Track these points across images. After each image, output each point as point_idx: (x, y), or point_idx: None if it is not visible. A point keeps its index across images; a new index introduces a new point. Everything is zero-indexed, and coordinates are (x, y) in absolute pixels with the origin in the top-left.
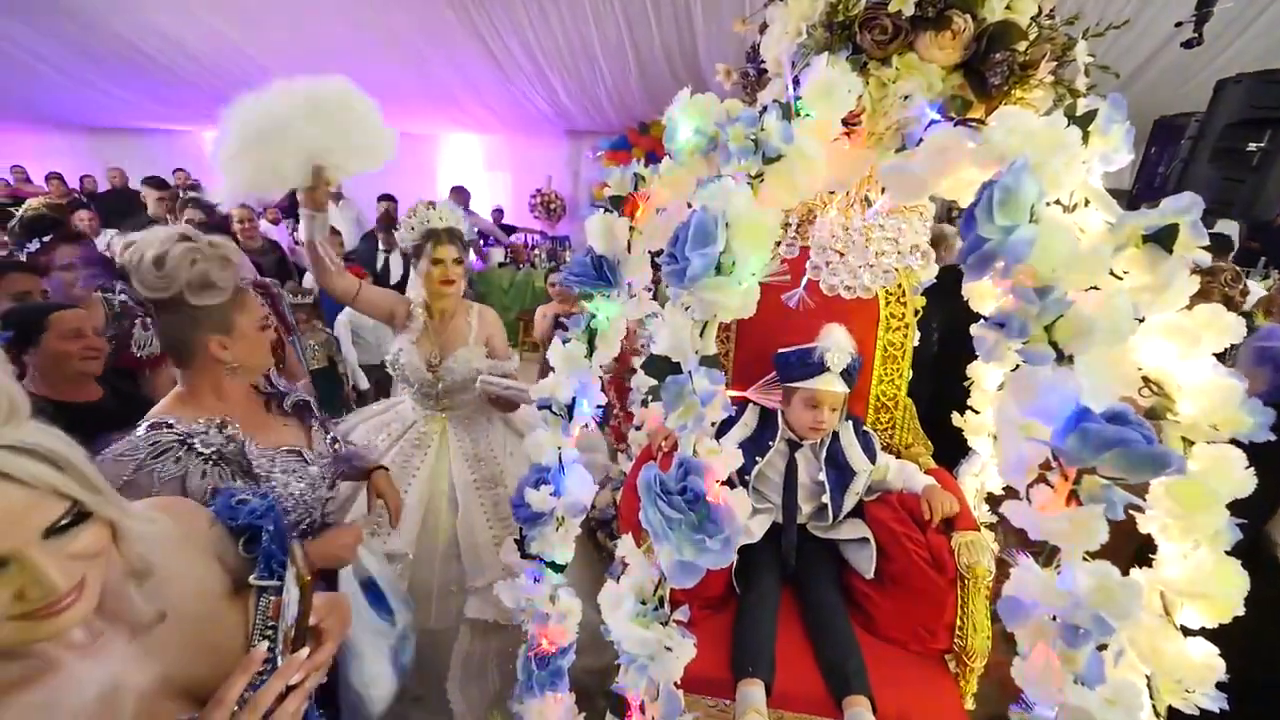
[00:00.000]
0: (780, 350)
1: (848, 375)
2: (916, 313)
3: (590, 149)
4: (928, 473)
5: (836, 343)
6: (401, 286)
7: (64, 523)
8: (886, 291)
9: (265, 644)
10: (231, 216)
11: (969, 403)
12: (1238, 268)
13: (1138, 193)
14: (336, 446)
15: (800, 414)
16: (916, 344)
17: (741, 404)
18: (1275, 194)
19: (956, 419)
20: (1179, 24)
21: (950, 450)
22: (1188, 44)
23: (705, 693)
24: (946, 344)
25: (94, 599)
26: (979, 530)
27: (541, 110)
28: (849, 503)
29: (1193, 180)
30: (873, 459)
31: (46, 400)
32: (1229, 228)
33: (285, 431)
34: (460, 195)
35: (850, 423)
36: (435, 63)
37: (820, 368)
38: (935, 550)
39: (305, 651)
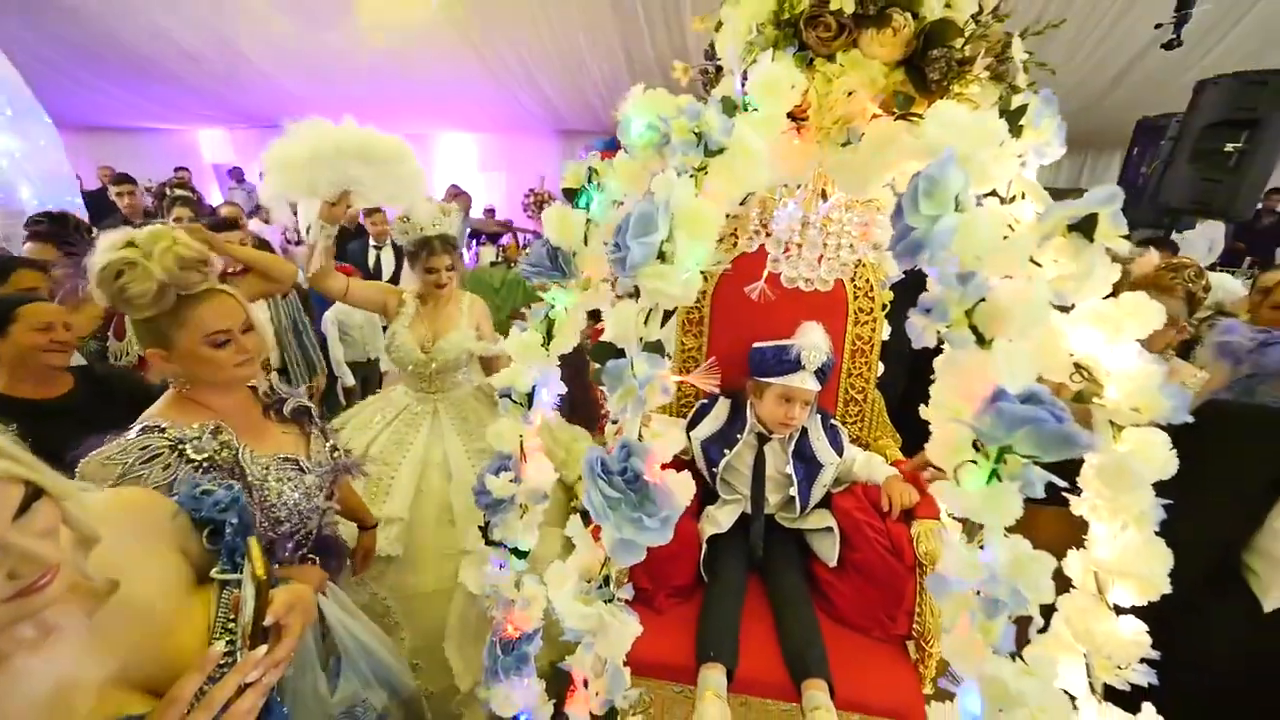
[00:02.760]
0: (757, 345)
1: (821, 374)
2: (884, 307)
3: (583, 148)
4: (894, 464)
5: (814, 342)
6: (395, 281)
7: (25, 504)
8: (854, 286)
9: (223, 642)
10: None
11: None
12: (1199, 264)
13: None
14: (336, 455)
15: (773, 409)
16: (886, 338)
17: (713, 397)
18: (1252, 194)
19: (923, 410)
20: (1159, 25)
21: (923, 442)
22: (1168, 45)
23: (671, 679)
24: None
25: (70, 572)
26: (939, 519)
27: (533, 111)
28: (816, 494)
29: (1173, 180)
30: (840, 452)
31: (6, 397)
32: (1216, 229)
33: (284, 439)
34: (464, 198)
35: (819, 416)
36: (426, 64)
37: (796, 365)
38: (895, 538)
39: (262, 649)
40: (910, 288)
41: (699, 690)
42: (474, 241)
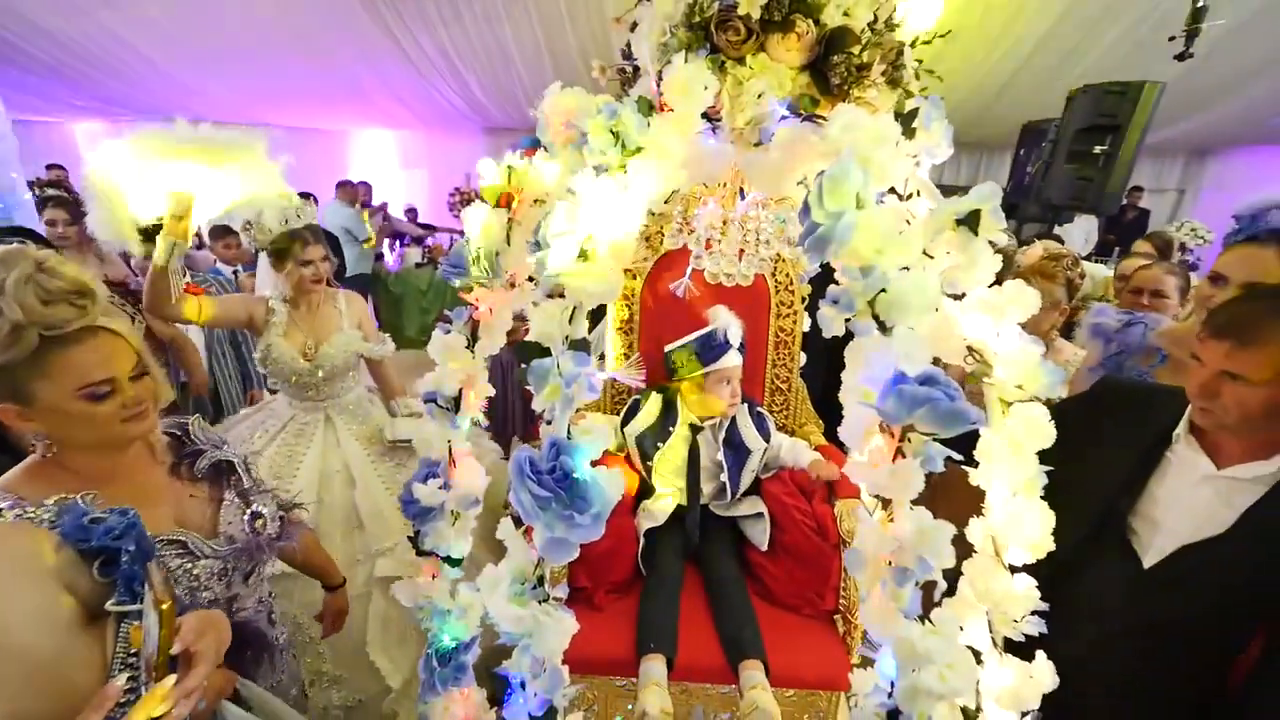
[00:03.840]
0: (670, 346)
1: (743, 347)
2: (804, 300)
3: (509, 146)
4: (817, 448)
5: (729, 320)
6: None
7: None
8: (775, 280)
9: (124, 677)
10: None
11: None
12: (1076, 253)
13: (1010, 190)
14: (260, 525)
15: (719, 393)
16: (807, 329)
17: (645, 392)
18: (1117, 190)
19: (842, 396)
20: (1172, 38)
21: None
22: (1180, 57)
23: (613, 673)
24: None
25: None
26: (860, 498)
27: (457, 107)
28: (746, 480)
29: (1053, 179)
30: (767, 438)
31: None
32: (1091, 223)
33: (188, 505)
34: (349, 191)
35: (746, 405)
36: (343, 57)
37: (726, 346)
38: (820, 519)
39: (171, 680)
40: (828, 281)
41: (641, 681)
42: (398, 243)
